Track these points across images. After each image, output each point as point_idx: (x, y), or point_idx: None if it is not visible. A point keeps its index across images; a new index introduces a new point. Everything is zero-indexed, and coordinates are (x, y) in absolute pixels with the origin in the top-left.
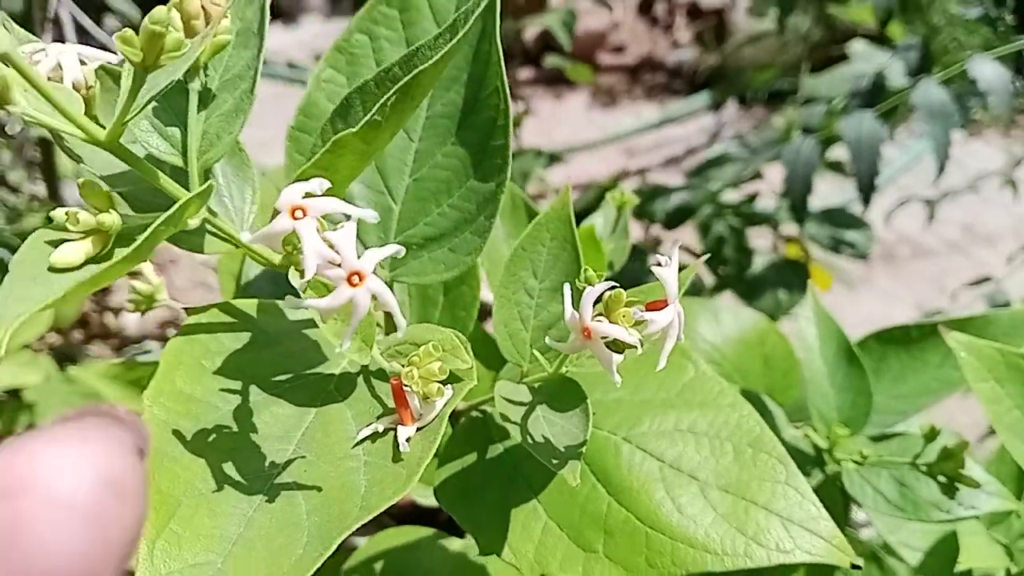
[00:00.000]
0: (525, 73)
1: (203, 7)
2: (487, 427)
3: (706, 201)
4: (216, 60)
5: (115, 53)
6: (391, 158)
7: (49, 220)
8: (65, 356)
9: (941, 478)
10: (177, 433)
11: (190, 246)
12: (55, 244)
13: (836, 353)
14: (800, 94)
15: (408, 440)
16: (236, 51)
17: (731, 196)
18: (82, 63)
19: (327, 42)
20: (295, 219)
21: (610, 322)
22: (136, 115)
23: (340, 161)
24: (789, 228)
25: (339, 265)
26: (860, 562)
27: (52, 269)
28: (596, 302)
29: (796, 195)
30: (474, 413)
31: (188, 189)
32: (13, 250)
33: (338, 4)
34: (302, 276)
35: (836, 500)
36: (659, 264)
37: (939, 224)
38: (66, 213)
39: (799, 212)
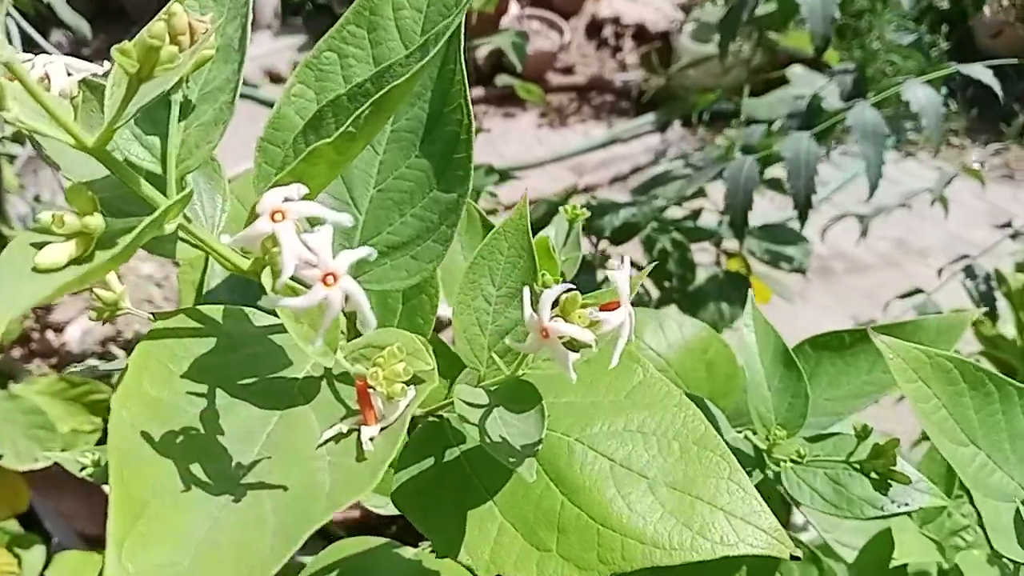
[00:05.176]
0: (476, 92)
1: (189, 24)
2: (443, 432)
3: (652, 218)
4: (196, 74)
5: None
6: (356, 170)
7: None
8: (5, 373)
9: (873, 475)
10: (145, 435)
11: (163, 251)
12: (39, 246)
13: (773, 358)
14: (742, 116)
15: (372, 440)
16: (216, 65)
17: (675, 212)
18: (68, 74)
19: (278, 59)
20: (274, 222)
21: (566, 323)
22: (125, 123)
23: (313, 170)
24: (731, 243)
25: (315, 266)
26: (799, 553)
27: (36, 270)
28: (553, 305)
29: (736, 211)
30: (431, 419)
31: (165, 195)
32: None
33: (288, 23)
34: (277, 277)
35: (776, 500)
36: (612, 269)
37: (874, 240)
38: (52, 215)
39: (739, 228)
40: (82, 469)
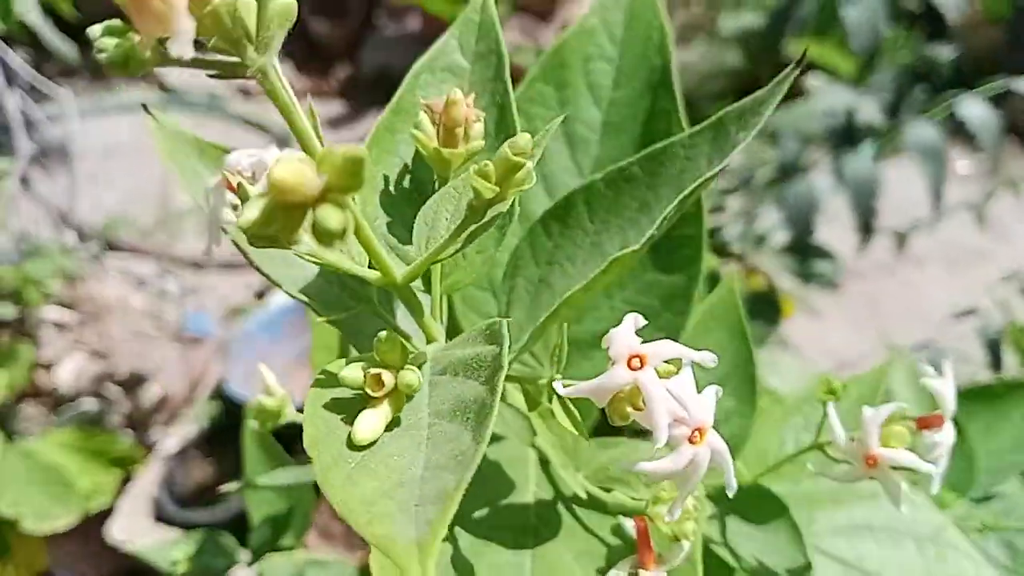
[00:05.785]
0: None
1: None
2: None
3: None
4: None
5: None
6: None
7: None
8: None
9: None
10: None
11: None
12: (344, 409)
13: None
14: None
15: None
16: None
17: None
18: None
19: None
20: (632, 368)
21: (894, 449)
22: (452, 255)
23: (603, 280)
24: (753, 258)
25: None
26: None
27: (354, 447)
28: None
29: (800, 235)
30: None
31: (431, 318)
32: None
33: None
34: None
35: None
36: (929, 376)
37: (869, 247)
38: (364, 373)
39: (803, 251)
40: (174, 564)
